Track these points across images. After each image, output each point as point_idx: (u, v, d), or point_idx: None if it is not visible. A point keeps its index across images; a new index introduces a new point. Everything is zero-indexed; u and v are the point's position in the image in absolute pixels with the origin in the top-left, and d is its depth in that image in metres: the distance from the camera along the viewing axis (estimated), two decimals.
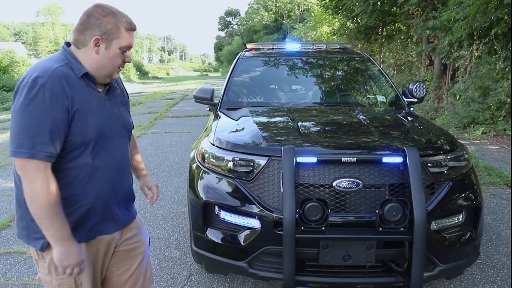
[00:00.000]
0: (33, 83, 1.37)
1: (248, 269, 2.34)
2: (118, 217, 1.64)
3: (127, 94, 1.80)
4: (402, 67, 16.35)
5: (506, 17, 8.51)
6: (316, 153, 2.26)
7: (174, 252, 3.35)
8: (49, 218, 1.40)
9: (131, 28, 1.53)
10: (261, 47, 4.66)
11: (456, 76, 11.81)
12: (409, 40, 15.04)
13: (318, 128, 2.89)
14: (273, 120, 3.14)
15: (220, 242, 2.41)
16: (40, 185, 1.37)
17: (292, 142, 2.51)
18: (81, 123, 1.45)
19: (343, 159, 2.21)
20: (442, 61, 11.82)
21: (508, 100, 8.58)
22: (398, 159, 2.22)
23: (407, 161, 2.16)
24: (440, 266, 2.32)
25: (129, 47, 1.54)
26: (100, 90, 1.58)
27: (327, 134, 2.76)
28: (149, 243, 1.89)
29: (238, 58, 4.20)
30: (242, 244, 2.32)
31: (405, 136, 2.67)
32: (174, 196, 4.79)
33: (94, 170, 1.51)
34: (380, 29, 16.63)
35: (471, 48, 10.35)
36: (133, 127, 1.78)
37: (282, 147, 2.24)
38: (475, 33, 9.57)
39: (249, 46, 4.72)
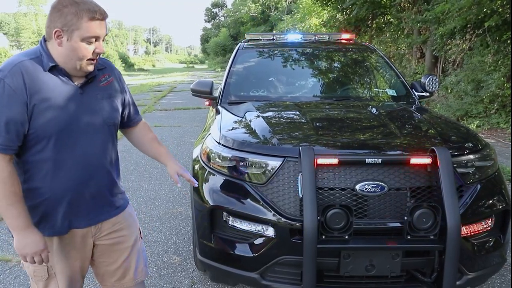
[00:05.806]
0: None
1: (260, 281, 2.13)
2: (89, 212, 1.60)
3: (121, 85, 1.73)
4: (393, 60, 16.26)
5: (500, 9, 8.42)
6: (337, 154, 2.06)
7: (173, 258, 3.11)
8: (4, 207, 1.41)
9: (95, 17, 1.42)
10: (260, 37, 4.42)
11: (447, 69, 11.74)
12: (399, 32, 14.93)
13: (334, 125, 2.68)
14: (282, 115, 2.91)
15: (229, 251, 2.19)
16: None
17: (308, 140, 2.30)
18: (41, 117, 1.42)
19: (368, 160, 2.01)
20: (434, 53, 11.72)
21: (501, 92, 8.52)
22: (427, 160, 2.02)
23: (438, 162, 1.97)
24: (468, 275, 2.14)
25: (94, 38, 1.44)
26: (77, 83, 1.52)
27: (345, 132, 2.53)
28: (141, 237, 1.84)
29: (238, 49, 3.92)
30: (255, 253, 2.11)
31: (431, 135, 2.47)
32: (168, 194, 4.54)
33: (58, 164, 1.48)
34: (370, 21, 16.47)
35: (464, 39, 10.26)
36: (118, 121, 1.69)
37: (300, 147, 2.02)
38: (468, 25, 9.46)
39: (248, 36, 4.48)
